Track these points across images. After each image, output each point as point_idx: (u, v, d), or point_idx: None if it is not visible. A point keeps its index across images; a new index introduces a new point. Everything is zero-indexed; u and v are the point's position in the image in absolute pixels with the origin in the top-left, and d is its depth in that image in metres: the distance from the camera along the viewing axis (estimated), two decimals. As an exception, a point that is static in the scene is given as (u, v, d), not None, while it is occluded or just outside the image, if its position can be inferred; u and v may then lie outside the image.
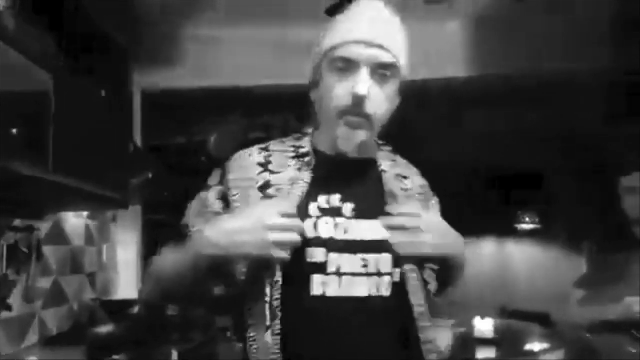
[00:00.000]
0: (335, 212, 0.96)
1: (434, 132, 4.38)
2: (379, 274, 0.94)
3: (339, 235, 0.94)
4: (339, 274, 0.92)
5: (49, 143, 1.71)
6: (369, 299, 0.92)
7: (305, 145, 1.04)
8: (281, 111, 3.41)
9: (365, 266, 0.93)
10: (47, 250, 2.26)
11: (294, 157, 1.02)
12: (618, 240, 2.39)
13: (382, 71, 0.97)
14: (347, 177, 1.01)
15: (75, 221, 2.52)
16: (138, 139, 2.94)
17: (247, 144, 1.11)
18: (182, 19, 2.86)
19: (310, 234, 0.93)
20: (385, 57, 0.96)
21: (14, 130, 1.55)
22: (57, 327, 2.30)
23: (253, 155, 1.03)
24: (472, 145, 4.36)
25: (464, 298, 4.25)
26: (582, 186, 4.10)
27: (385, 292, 0.94)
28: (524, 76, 3.23)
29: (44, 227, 2.24)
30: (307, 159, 1.01)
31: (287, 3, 2.62)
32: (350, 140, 0.98)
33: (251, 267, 0.93)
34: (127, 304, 2.39)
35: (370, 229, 0.96)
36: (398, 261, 0.95)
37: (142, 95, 3.03)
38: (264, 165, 1.01)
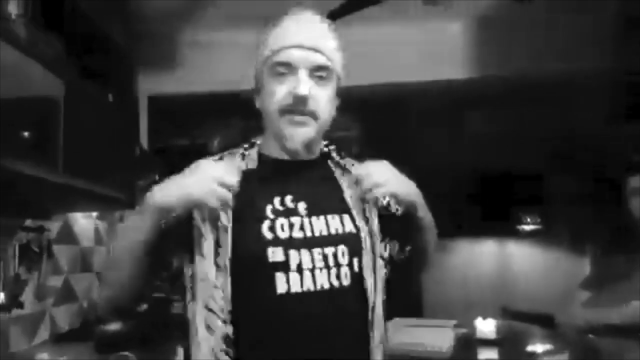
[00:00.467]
0: (289, 212, 1.01)
1: (434, 134, 4.41)
2: (338, 266, 0.99)
3: (296, 234, 0.99)
4: (300, 270, 0.96)
5: (59, 146, 1.76)
6: (331, 291, 0.97)
7: (253, 155, 1.09)
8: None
9: (324, 260, 0.98)
10: (58, 249, 2.32)
11: (243, 170, 1.05)
12: (623, 241, 2.39)
13: (318, 73, 1.03)
14: (297, 178, 1.06)
15: (84, 222, 2.58)
16: (144, 141, 3.00)
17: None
18: (185, 24, 2.91)
19: (269, 235, 0.98)
20: (321, 60, 1.03)
21: (26, 134, 1.61)
22: (68, 324, 2.37)
23: None
24: (472, 146, 4.38)
25: (466, 298, 4.29)
26: (584, 187, 4.11)
27: (346, 282, 0.99)
28: (524, 77, 3.26)
29: (54, 227, 2.30)
30: (251, 170, 1.05)
31: (289, 3, 2.66)
32: (297, 138, 1.03)
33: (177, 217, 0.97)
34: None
35: (326, 224, 1.01)
36: (355, 251, 1.01)
37: (148, 100, 3.09)
38: None
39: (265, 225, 0.98)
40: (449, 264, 4.52)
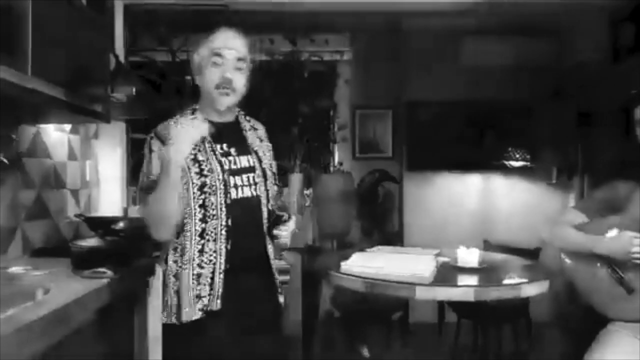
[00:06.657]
0: (227, 154, 1.74)
1: (426, 62, 4.28)
2: (254, 184, 1.74)
3: (233, 166, 1.73)
4: (236, 186, 1.71)
5: (27, 49, 1.62)
6: (251, 197, 1.73)
7: (199, 117, 1.74)
8: (268, 31, 3.27)
9: (247, 179, 1.73)
10: (29, 163, 2.20)
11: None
12: (626, 171, 2.31)
13: (238, 64, 1.72)
14: (228, 133, 1.77)
15: (56, 135, 2.45)
16: (121, 53, 2.81)
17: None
18: None
19: (225, 167, 1.71)
20: (239, 54, 1.72)
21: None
22: (41, 240, 2.29)
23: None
24: (465, 79, 4.28)
25: (449, 231, 4.32)
26: (576, 122, 4.07)
27: (256, 192, 1.75)
28: (526, 7, 3.12)
29: (24, 140, 2.17)
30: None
31: None
32: (223, 102, 1.72)
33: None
34: (111, 220, 2.37)
35: (245, 160, 1.76)
36: (265, 177, 1.78)
37: (125, 9, 2.87)
38: None
39: (218, 160, 1.73)
40: (435, 197, 4.53)
